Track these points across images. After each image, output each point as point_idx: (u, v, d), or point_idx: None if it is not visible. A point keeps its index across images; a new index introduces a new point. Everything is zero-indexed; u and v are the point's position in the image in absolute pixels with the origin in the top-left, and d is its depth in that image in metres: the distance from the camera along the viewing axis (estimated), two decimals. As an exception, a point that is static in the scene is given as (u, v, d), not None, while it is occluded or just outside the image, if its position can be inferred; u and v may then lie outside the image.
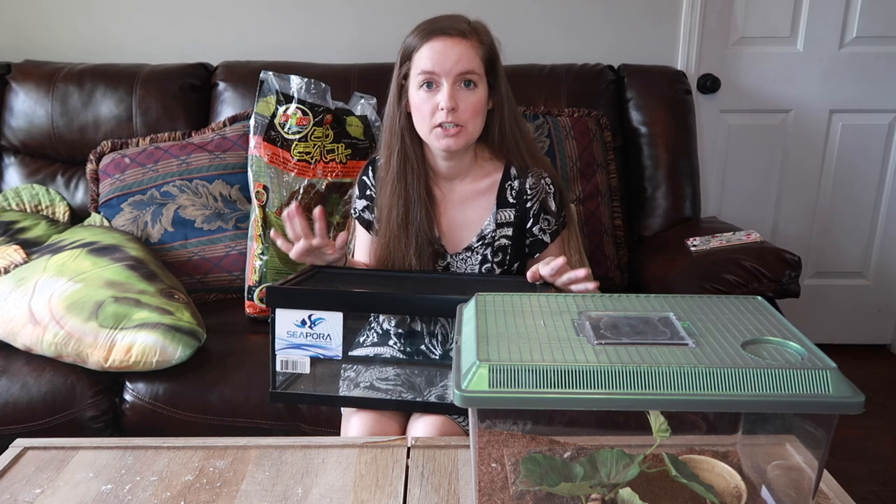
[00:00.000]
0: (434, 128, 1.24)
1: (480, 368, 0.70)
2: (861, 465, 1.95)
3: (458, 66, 1.22)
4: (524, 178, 1.34)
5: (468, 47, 1.23)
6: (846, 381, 0.69)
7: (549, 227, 1.35)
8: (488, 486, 0.82)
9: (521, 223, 1.34)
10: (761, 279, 1.61)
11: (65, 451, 0.98)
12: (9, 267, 1.63)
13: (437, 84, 1.23)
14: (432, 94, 1.23)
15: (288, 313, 1.13)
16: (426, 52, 1.23)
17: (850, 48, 2.30)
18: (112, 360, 1.46)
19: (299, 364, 1.15)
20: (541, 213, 1.34)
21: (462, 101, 1.23)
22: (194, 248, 1.83)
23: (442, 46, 1.22)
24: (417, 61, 1.25)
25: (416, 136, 1.30)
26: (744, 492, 0.81)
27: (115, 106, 2.01)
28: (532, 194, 1.33)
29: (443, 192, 1.35)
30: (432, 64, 1.22)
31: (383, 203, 1.34)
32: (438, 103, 1.22)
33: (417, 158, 1.31)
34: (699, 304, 0.85)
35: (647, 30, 2.27)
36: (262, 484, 0.91)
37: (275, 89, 1.76)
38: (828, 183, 2.43)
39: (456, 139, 1.24)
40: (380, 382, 1.24)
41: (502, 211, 1.33)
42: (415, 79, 1.25)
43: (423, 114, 1.25)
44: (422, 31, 1.26)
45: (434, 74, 1.23)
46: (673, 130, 2.02)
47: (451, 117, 1.22)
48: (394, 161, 1.31)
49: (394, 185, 1.31)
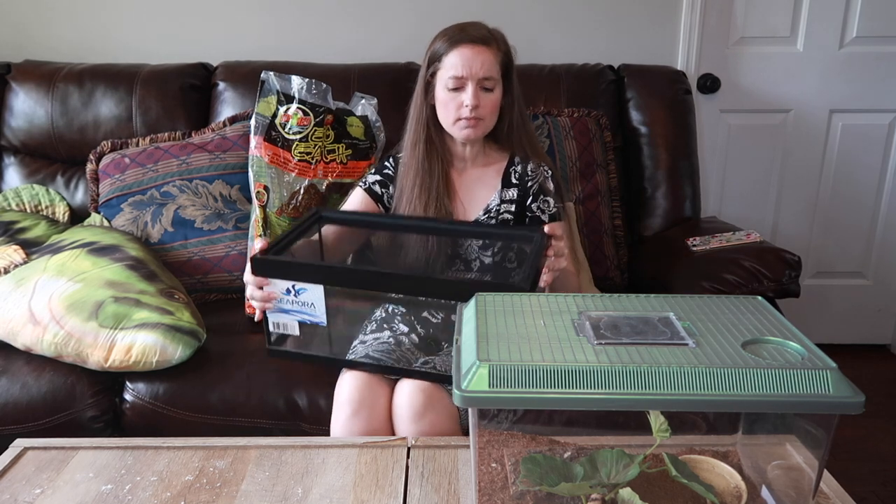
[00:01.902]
0: (457, 120, 1.45)
1: (480, 368, 0.70)
2: (861, 465, 1.96)
3: (481, 71, 1.42)
4: (526, 164, 1.54)
5: (490, 55, 1.43)
6: (846, 381, 0.69)
7: (548, 209, 1.52)
8: (488, 486, 0.82)
9: (523, 201, 1.52)
10: (761, 279, 1.61)
11: (65, 451, 0.98)
12: (9, 267, 1.63)
13: (464, 87, 1.43)
14: (458, 93, 1.43)
15: (275, 281, 1.20)
16: (455, 57, 1.42)
17: (850, 48, 2.30)
18: (112, 360, 1.46)
19: (289, 326, 1.25)
20: (539, 193, 1.52)
21: (483, 100, 1.43)
22: (194, 248, 1.83)
23: (470, 53, 1.42)
24: (447, 65, 1.43)
25: (439, 127, 1.51)
26: (744, 492, 0.81)
27: (115, 106, 2.01)
28: (532, 176, 1.53)
29: (459, 174, 1.55)
30: (461, 69, 1.41)
31: (406, 183, 1.51)
32: (463, 101, 1.43)
33: (440, 144, 1.52)
34: (699, 304, 0.86)
35: (647, 30, 2.27)
36: (262, 484, 0.91)
37: (276, 89, 1.75)
38: (828, 183, 2.43)
39: (475, 130, 1.46)
40: (376, 351, 1.33)
41: (506, 190, 1.53)
42: (444, 80, 1.44)
43: (448, 109, 1.45)
44: (450, 36, 1.44)
45: (462, 79, 1.42)
46: (673, 130, 2.02)
47: (473, 113, 1.43)
48: (420, 147, 1.51)
49: (419, 166, 1.50)
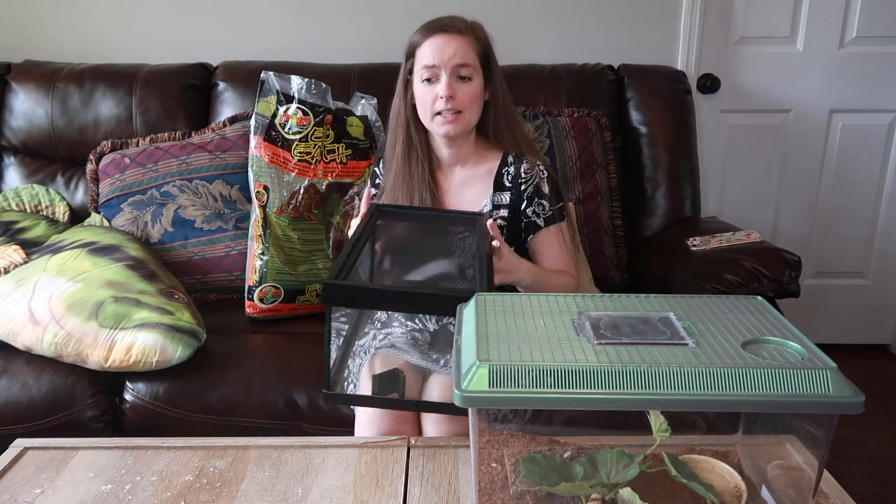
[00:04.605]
0: (435, 115, 1.37)
1: (480, 368, 0.70)
2: (861, 465, 1.95)
3: (455, 58, 1.35)
4: (519, 164, 1.44)
5: (464, 42, 1.36)
6: (846, 381, 0.69)
7: (543, 212, 1.44)
8: (488, 486, 0.82)
9: (517, 206, 1.44)
10: (761, 279, 1.61)
11: (65, 452, 0.98)
12: (9, 267, 1.63)
13: (437, 77, 1.36)
14: (433, 85, 1.36)
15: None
16: (427, 48, 1.36)
17: (850, 48, 2.30)
18: (112, 360, 1.46)
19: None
20: (535, 196, 1.43)
21: (459, 91, 1.35)
22: (194, 248, 1.83)
23: (441, 42, 1.35)
24: (420, 56, 1.38)
25: (420, 126, 1.43)
26: (744, 492, 0.81)
27: (115, 106, 2.01)
28: (526, 178, 1.43)
29: (445, 176, 1.47)
30: (432, 58, 1.35)
31: (388, 186, 1.45)
32: (438, 93, 1.35)
33: (421, 146, 1.44)
34: (699, 304, 0.85)
35: (647, 30, 2.27)
36: (262, 484, 0.91)
37: (275, 89, 1.76)
38: (828, 183, 2.43)
39: (454, 125, 1.37)
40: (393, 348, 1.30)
41: (499, 194, 1.44)
42: (418, 73, 1.38)
43: (425, 103, 1.38)
44: (423, 29, 1.39)
45: (434, 68, 1.35)
46: (673, 130, 2.02)
47: (449, 104, 1.35)
48: (398, 148, 1.44)
49: (398, 169, 1.43)
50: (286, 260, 1.76)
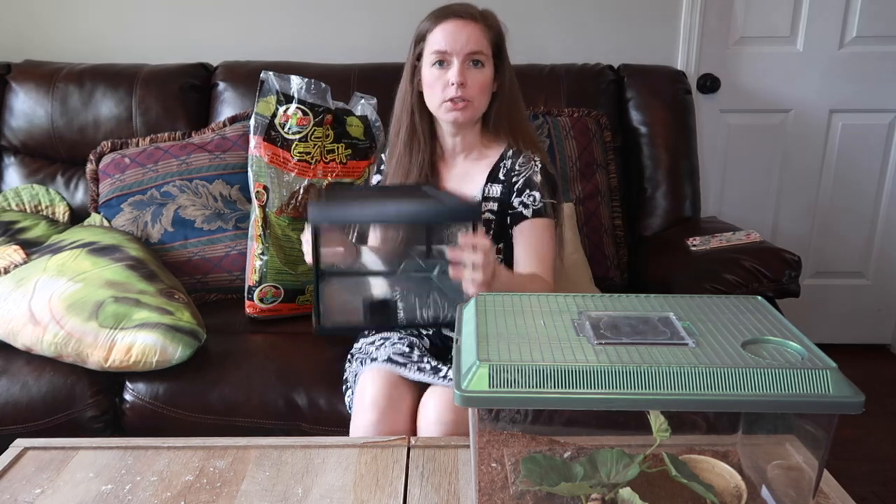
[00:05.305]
0: (444, 102, 1.34)
1: (480, 368, 0.70)
2: (861, 465, 1.95)
3: (468, 45, 1.32)
4: (517, 158, 1.41)
5: (477, 29, 1.33)
6: (846, 381, 0.69)
7: (533, 204, 1.37)
8: (488, 486, 0.82)
9: (506, 199, 1.40)
10: (761, 279, 1.61)
11: (65, 452, 0.98)
12: (9, 267, 1.63)
13: (449, 62, 1.33)
14: (444, 71, 1.33)
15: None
16: (439, 33, 1.33)
17: (850, 48, 2.30)
18: (112, 360, 1.46)
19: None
20: (525, 188, 1.38)
21: (470, 79, 1.32)
22: (194, 248, 1.83)
23: (454, 27, 1.33)
24: (431, 41, 1.34)
25: (425, 113, 1.40)
26: (744, 492, 0.81)
27: (115, 106, 2.01)
28: (519, 171, 1.40)
29: (447, 166, 1.45)
30: (445, 43, 1.32)
31: (389, 171, 1.45)
32: (449, 79, 1.32)
33: (425, 133, 1.41)
34: (699, 304, 0.86)
35: (647, 30, 2.27)
36: (262, 484, 0.91)
37: (275, 89, 1.75)
38: (828, 183, 2.43)
39: (463, 112, 1.34)
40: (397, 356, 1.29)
41: (490, 185, 1.41)
42: (428, 58, 1.35)
43: (434, 90, 1.34)
44: (435, 14, 1.36)
45: (446, 53, 1.32)
46: (673, 130, 2.02)
47: (460, 92, 1.32)
48: (402, 134, 1.41)
49: (400, 156, 1.42)
50: (286, 260, 1.76)
